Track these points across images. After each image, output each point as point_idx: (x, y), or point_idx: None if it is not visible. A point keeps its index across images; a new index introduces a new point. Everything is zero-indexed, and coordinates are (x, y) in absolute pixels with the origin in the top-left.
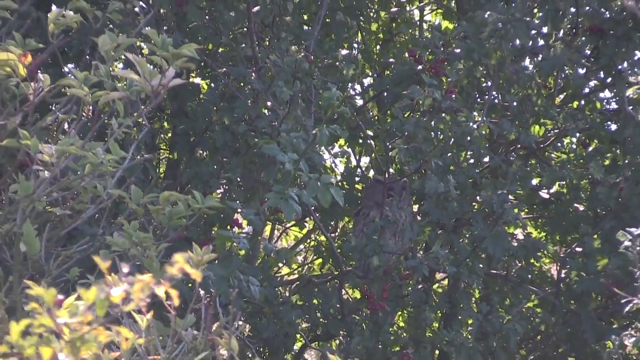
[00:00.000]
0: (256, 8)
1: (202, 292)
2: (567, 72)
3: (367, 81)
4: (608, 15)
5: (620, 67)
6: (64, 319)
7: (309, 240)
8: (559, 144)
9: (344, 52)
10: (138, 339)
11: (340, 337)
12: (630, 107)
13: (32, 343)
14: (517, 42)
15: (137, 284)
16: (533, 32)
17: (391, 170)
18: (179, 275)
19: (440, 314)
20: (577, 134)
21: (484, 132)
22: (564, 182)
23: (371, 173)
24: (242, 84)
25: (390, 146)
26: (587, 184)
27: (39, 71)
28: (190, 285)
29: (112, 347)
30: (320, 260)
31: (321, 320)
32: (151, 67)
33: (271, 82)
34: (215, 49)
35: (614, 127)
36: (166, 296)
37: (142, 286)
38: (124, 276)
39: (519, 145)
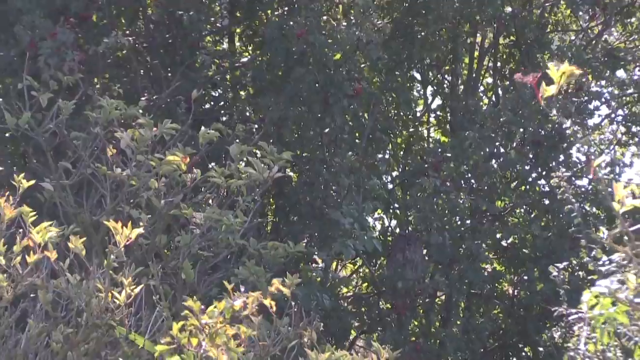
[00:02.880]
0: (326, 130)
1: (293, 303)
2: (518, 168)
3: (395, 174)
4: (543, 133)
5: (551, 165)
6: (205, 321)
7: (359, 272)
8: (513, 212)
9: (380, 156)
10: (253, 332)
11: (378, 332)
12: (556, 191)
13: (185, 336)
14: (487, 150)
15: (250, 298)
16: (497, 143)
17: (409, 229)
18: (278, 292)
19: (439, 317)
20: (524, 206)
21: (467, 205)
22: (516, 236)
23: (397, 230)
24: (318, 176)
25: (408, 214)
26: (531, 237)
27: (193, 167)
28: (286, 299)
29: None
30: (366, 284)
31: (366, 321)
32: (262, 165)
33: (336, 175)
34: (301, 154)
35: (546, 202)
36: (271, 307)
37: (253, 299)
38: (241, 293)
39: (489, 213)
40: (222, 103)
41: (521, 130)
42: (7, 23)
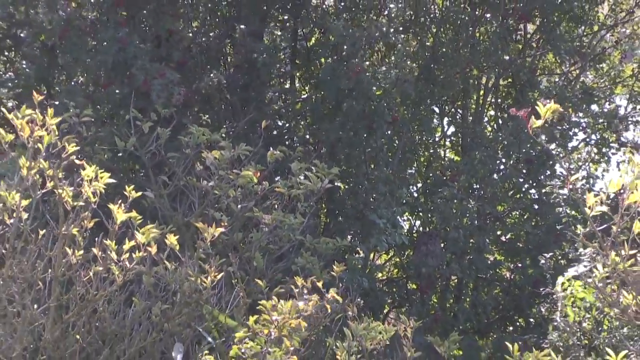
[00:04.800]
0: (368, 150)
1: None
2: (514, 180)
3: (419, 185)
4: (534, 153)
5: (539, 178)
6: (276, 317)
7: (391, 260)
8: (511, 214)
9: (410, 171)
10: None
11: (406, 307)
12: (544, 197)
13: (260, 327)
14: (490, 166)
15: (311, 301)
16: (497, 162)
17: (430, 227)
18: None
19: (453, 296)
20: (519, 210)
21: (475, 209)
22: (513, 233)
23: (421, 228)
24: (361, 186)
25: (430, 216)
26: (524, 234)
27: (263, 180)
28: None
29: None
30: (396, 270)
31: (397, 298)
32: (317, 178)
33: (375, 185)
34: (348, 169)
35: (536, 207)
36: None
37: (315, 301)
38: (305, 294)
39: (491, 215)
40: (286, 130)
41: (517, 151)
42: (123, 68)
